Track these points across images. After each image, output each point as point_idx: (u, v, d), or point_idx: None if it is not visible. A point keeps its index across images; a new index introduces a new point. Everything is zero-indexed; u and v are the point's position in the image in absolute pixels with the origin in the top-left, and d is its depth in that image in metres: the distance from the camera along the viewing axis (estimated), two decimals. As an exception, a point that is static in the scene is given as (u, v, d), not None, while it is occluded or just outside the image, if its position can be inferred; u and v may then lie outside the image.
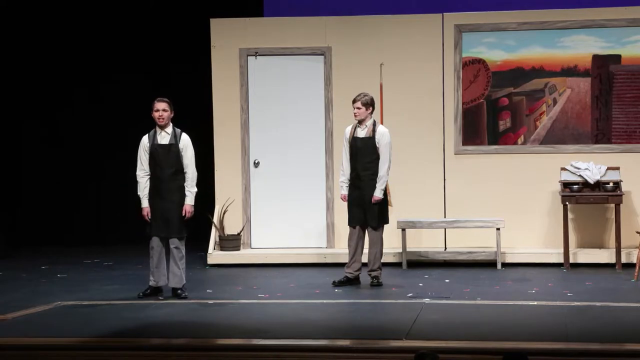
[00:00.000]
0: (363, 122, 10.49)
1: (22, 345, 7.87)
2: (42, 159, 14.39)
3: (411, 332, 7.96)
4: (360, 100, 10.45)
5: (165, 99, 9.99)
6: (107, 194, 14.35)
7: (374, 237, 10.47)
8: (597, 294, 9.74)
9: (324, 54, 12.38)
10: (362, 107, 10.44)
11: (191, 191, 9.95)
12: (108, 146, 14.20)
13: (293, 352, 7.47)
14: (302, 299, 9.79)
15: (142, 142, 9.96)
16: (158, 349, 7.67)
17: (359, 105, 10.44)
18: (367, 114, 10.47)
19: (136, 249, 13.55)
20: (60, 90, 14.29)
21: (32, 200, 14.41)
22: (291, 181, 12.46)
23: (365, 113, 10.46)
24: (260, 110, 12.48)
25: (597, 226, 12.01)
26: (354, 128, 10.56)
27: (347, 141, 10.57)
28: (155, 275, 10.02)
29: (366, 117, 10.47)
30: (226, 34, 12.47)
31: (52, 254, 13.24)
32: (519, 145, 12.14)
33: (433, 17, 12.25)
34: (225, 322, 8.71)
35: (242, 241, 12.41)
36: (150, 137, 9.96)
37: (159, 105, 9.93)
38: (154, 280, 10.03)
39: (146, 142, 9.95)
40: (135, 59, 14.14)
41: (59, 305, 9.56)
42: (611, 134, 12.00)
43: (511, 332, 8.04)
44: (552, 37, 12.05)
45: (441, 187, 12.24)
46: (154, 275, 10.02)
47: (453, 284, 10.53)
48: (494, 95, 12.18)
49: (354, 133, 10.54)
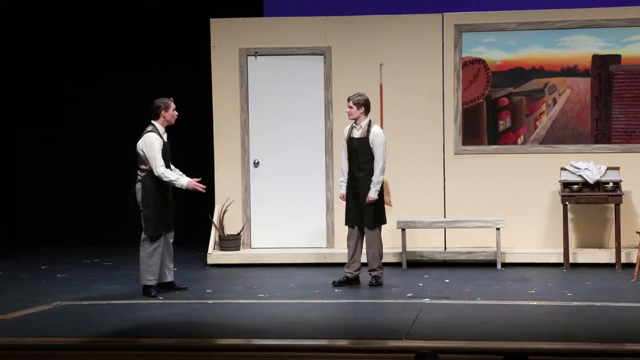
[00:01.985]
0: (358, 122, 10.49)
1: (22, 345, 7.87)
2: (41, 158, 14.39)
3: (411, 332, 7.96)
4: (352, 99, 10.46)
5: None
6: (107, 194, 14.34)
7: (370, 238, 10.47)
8: (597, 294, 9.74)
9: (323, 54, 12.38)
10: (353, 107, 10.44)
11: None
12: (108, 146, 14.19)
13: (293, 352, 7.47)
14: (302, 299, 9.79)
15: (158, 140, 10.00)
16: (157, 349, 7.67)
17: (351, 104, 10.45)
18: (360, 114, 10.46)
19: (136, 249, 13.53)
20: (60, 90, 14.28)
21: (32, 200, 14.41)
22: (291, 181, 12.46)
23: (357, 112, 10.45)
24: (260, 110, 12.48)
25: (597, 226, 12.01)
26: (350, 128, 10.57)
27: (345, 141, 10.59)
28: (160, 272, 10.14)
29: (359, 116, 10.46)
30: (226, 34, 12.47)
31: (52, 254, 13.24)
32: (519, 145, 12.14)
33: (433, 17, 12.25)
34: (225, 322, 8.71)
35: (242, 241, 12.41)
36: (160, 136, 10.06)
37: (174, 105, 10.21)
38: (155, 279, 10.09)
39: (160, 139, 10.04)
40: (135, 59, 14.14)
41: (59, 305, 9.56)
42: (611, 133, 12.00)
43: (511, 332, 8.04)
44: (552, 37, 12.05)
45: (441, 187, 12.24)
46: (160, 273, 10.14)
47: (453, 284, 10.53)
48: (493, 95, 12.18)
49: (350, 133, 10.55)
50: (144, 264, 10.09)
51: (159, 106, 10.14)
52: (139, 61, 14.14)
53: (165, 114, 10.11)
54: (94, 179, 14.35)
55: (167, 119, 10.14)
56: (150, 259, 10.07)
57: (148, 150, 9.94)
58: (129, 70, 14.14)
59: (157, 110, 10.13)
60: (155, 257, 10.07)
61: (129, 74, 14.14)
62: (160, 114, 10.11)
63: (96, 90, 14.21)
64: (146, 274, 10.08)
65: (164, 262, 10.21)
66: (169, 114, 10.14)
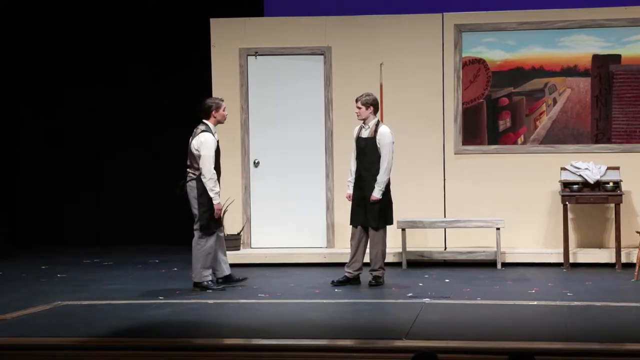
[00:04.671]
0: (367, 122, 10.49)
1: (22, 345, 7.86)
2: (41, 158, 14.39)
3: (411, 332, 7.96)
4: (360, 100, 10.46)
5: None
6: (107, 194, 14.35)
7: (374, 238, 10.46)
8: (597, 294, 9.74)
9: (323, 54, 12.38)
10: (362, 107, 10.44)
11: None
12: (108, 146, 14.20)
13: (293, 352, 7.47)
14: (302, 299, 9.79)
15: (212, 139, 10.18)
16: (158, 349, 7.67)
17: (359, 105, 10.45)
18: (369, 114, 10.46)
19: (136, 249, 13.57)
20: (60, 90, 14.28)
21: (32, 200, 14.41)
22: (291, 181, 12.46)
23: (365, 113, 10.45)
24: (260, 110, 12.48)
25: (597, 226, 12.01)
26: (359, 128, 10.57)
27: (354, 141, 10.59)
28: (217, 267, 10.39)
29: (368, 117, 10.46)
30: (226, 34, 12.47)
31: (52, 254, 13.24)
32: (519, 145, 12.14)
33: (433, 17, 12.25)
34: (225, 322, 8.71)
35: (242, 241, 12.41)
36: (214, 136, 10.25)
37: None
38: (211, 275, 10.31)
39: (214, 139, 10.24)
40: (135, 59, 14.13)
41: (59, 305, 9.56)
42: (611, 133, 12.00)
43: (511, 332, 8.04)
44: (552, 37, 12.05)
45: (441, 187, 12.24)
46: (217, 268, 10.39)
47: (453, 284, 10.53)
48: (493, 95, 12.18)
49: (359, 133, 10.55)
50: (199, 261, 10.24)
51: (210, 106, 10.32)
52: (139, 61, 14.14)
53: (215, 114, 10.32)
54: (94, 179, 14.35)
55: (217, 118, 10.35)
56: (207, 256, 10.23)
57: (203, 149, 10.10)
58: (129, 70, 14.14)
59: (209, 110, 10.31)
60: (210, 254, 10.25)
61: (129, 74, 14.14)
62: (211, 113, 10.31)
63: (96, 91, 14.20)
64: (202, 271, 10.25)
65: (219, 256, 10.44)
66: (220, 114, 10.34)
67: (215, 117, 10.30)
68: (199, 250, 10.25)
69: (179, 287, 10.54)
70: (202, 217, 10.17)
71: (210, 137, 10.15)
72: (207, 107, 10.31)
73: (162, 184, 14.13)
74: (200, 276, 10.25)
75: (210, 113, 10.29)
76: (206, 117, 10.30)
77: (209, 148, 10.10)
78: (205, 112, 10.31)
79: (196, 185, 10.18)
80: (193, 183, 10.19)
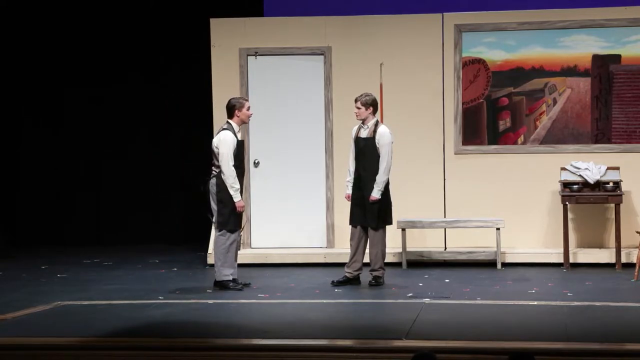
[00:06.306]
0: (366, 122, 10.49)
1: (22, 345, 7.86)
2: (42, 158, 14.39)
3: (411, 332, 7.95)
4: (360, 100, 10.46)
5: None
6: (107, 194, 14.35)
7: (374, 238, 10.46)
8: (597, 294, 9.74)
9: (324, 54, 12.38)
10: (361, 107, 10.44)
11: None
12: (108, 146, 14.20)
13: (293, 352, 7.47)
14: (302, 299, 9.79)
15: (232, 138, 10.17)
16: (158, 349, 7.67)
17: (359, 105, 10.45)
18: (368, 114, 10.46)
19: (136, 249, 13.57)
20: (60, 90, 14.28)
21: (32, 200, 14.41)
22: (291, 181, 12.46)
23: (365, 113, 10.45)
24: (260, 110, 12.47)
25: (597, 226, 12.01)
26: (358, 128, 10.57)
27: (353, 141, 10.58)
28: (234, 267, 10.29)
29: (367, 117, 10.46)
30: (226, 34, 12.47)
31: (52, 254, 13.24)
32: (519, 145, 12.14)
33: (433, 17, 12.25)
34: (225, 322, 8.71)
35: (242, 241, 12.39)
36: (235, 134, 10.22)
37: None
38: (232, 273, 10.25)
39: (234, 138, 10.21)
40: (135, 59, 14.14)
41: (59, 305, 9.56)
42: (611, 133, 12.00)
43: (511, 332, 8.04)
44: (552, 37, 12.05)
45: (441, 187, 12.24)
46: (233, 268, 10.27)
47: (453, 284, 10.53)
48: (494, 95, 12.18)
49: (358, 133, 10.55)
50: (220, 259, 10.22)
51: (233, 105, 10.32)
52: (139, 61, 14.14)
53: (239, 114, 10.31)
54: (94, 179, 14.36)
55: (241, 118, 10.34)
56: (227, 254, 10.21)
57: (221, 146, 10.10)
58: (129, 70, 14.14)
59: (232, 109, 10.31)
60: (231, 252, 10.23)
61: (129, 74, 14.14)
62: (234, 113, 10.31)
63: (96, 91, 14.21)
64: (223, 269, 10.23)
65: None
66: (243, 114, 10.33)
67: (238, 116, 10.29)
68: (218, 247, 10.24)
69: (179, 287, 10.54)
70: (222, 214, 10.18)
71: (230, 135, 10.15)
72: (230, 107, 10.33)
73: (162, 184, 14.16)
74: (220, 275, 10.24)
75: (234, 112, 10.30)
76: (230, 117, 10.32)
77: (227, 146, 10.10)
78: (229, 111, 10.33)
79: (216, 182, 10.20)
80: (214, 180, 10.22)
